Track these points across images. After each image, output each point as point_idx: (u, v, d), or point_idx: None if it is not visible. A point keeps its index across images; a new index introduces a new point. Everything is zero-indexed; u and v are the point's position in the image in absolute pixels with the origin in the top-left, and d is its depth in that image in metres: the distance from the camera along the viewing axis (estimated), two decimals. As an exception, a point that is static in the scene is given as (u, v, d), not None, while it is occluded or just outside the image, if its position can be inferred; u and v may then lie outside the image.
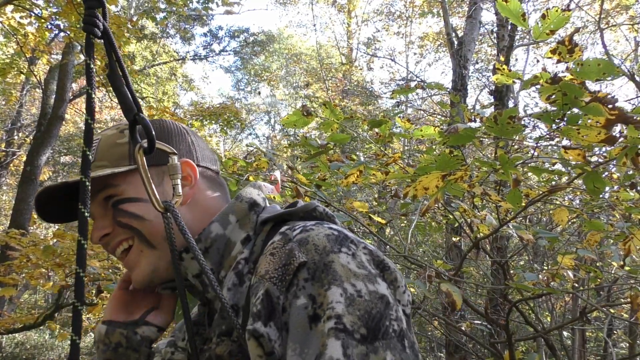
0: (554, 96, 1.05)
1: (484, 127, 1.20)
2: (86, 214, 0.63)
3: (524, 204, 1.79)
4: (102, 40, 0.73)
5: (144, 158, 0.76)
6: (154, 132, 0.75)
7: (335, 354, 0.60)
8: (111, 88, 0.76)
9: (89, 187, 0.66)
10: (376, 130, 2.13)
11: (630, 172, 1.74)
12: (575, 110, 1.06)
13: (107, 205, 0.86)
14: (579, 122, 1.07)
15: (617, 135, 1.07)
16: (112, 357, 0.89)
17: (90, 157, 0.84)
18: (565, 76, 1.05)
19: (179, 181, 0.81)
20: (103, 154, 0.87)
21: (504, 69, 1.27)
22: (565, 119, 1.09)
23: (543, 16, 1.10)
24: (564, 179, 2.23)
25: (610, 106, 0.99)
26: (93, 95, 0.68)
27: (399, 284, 0.72)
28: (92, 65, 0.69)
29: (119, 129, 0.90)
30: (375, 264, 0.71)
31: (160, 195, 0.80)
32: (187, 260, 0.83)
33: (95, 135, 0.90)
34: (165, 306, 0.94)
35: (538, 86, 1.32)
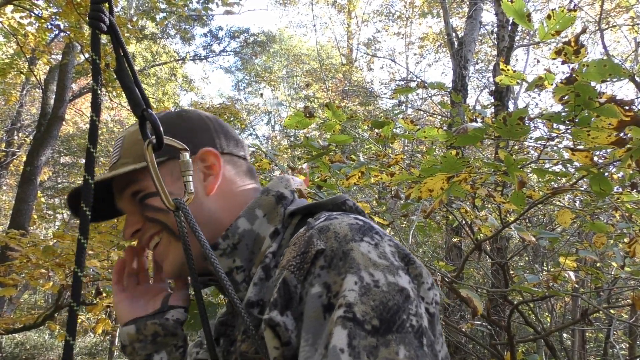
0: (566, 97, 1.04)
1: (491, 128, 1.19)
2: (87, 213, 0.63)
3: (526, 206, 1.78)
4: (109, 36, 0.72)
5: (153, 155, 0.75)
6: (162, 129, 0.74)
7: (339, 343, 0.57)
8: (110, 88, 0.75)
9: (93, 186, 0.66)
10: (377, 130, 2.12)
11: (631, 172, 1.74)
12: (585, 113, 1.05)
13: (135, 201, 0.86)
14: (590, 124, 1.06)
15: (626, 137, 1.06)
16: (152, 349, 0.88)
17: (116, 157, 0.88)
18: (571, 77, 1.04)
19: (190, 178, 0.79)
20: (127, 152, 0.87)
21: (508, 69, 1.26)
22: (576, 120, 1.08)
23: (548, 16, 1.09)
24: (564, 180, 2.22)
25: (626, 108, 0.98)
26: (99, 92, 0.67)
27: (424, 280, 0.69)
28: (98, 61, 0.68)
29: None
30: (400, 256, 0.68)
31: (180, 191, 0.81)
32: (216, 258, 0.80)
33: (121, 133, 0.92)
34: (179, 286, 0.93)
35: (540, 87, 1.32)
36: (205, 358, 0.93)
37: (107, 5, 0.72)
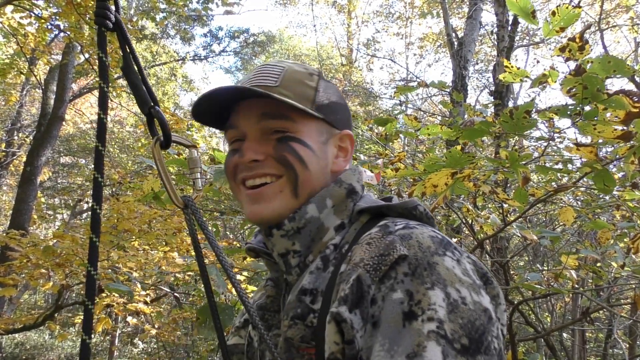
0: (574, 89, 1.04)
1: (496, 123, 1.20)
2: (98, 210, 0.62)
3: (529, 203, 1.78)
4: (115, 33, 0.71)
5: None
6: (169, 128, 0.75)
7: (434, 359, 0.56)
8: (110, 88, 0.74)
9: (102, 185, 0.65)
10: (377, 130, 2.12)
11: (632, 172, 1.74)
12: (587, 108, 1.05)
13: (271, 136, 0.81)
14: (596, 117, 1.06)
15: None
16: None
17: (271, 81, 0.82)
18: (579, 69, 1.04)
19: (198, 175, 0.79)
20: (289, 84, 0.82)
21: (512, 67, 1.26)
22: (581, 114, 1.08)
23: (553, 13, 1.09)
24: (565, 178, 2.23)
25: (635, 99, 0.98)
26: (106, 90, 0.67)
27: (501, 301, 0.68)
28: (104, 59, 0.67)
29: (307, 70, 0.87)
30: (479, 275, 0.68)
31: (321, 156, 0.81)
32: (276, 237, 0.80)
33: (275, 63, 0.87)
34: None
35: (543, 85, 1.32)
36: (236, 343, 0.92)
37: (112, 1, 0.72)
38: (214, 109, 0.84)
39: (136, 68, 0.75)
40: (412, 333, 0.59)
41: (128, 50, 0.74)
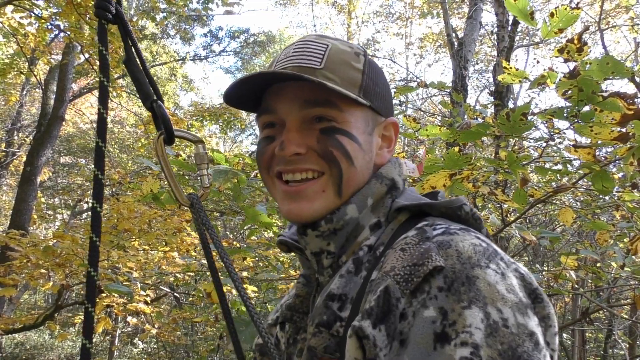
0: (569, 92, 1.04)
1: (494, 125, 1.20)
2: (99, 209, 0.61)
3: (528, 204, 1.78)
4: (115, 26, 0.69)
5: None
6: (173, 124, 0.71)
7: None
8: (110, 87, 0.71)
9: (103, 183, 0.63)
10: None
11: (632, 172, 1.74)
12: (586, 108, 1.06)
13: (315, 125, 0.73)
14: (592, 119, 1.06)
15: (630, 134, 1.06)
16: None
17: (314, 62, 0.72)
18: (574, 71, 1.04)
19: (205, 172, 0.74)
20: (334, 66, 0.73)
21: (510, 68, 1.26)
22: (578, 116, 1.08)
23: (551, 14, 1.09)
24: (565, 179, 2.23)
25: (629, 101, 0.97)
26: (107, 85, 0.65)
27: (552, 323, 0.59)
28: (105, 53, 0.65)
29: (353, 49, 0.77)
30: (527, 291, 0.58)
31: (367, 150, 0.74)
32: (310, 237, 0.73)
33: (316, 39, 0.77)
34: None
35: (542, 86, 1.32)
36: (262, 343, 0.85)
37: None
38: (249, 91, 0.76)
39: (139, 61, 0.72)
40: (442, 358, 0.52)
41: (130, 43, 0.72)
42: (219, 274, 0.76)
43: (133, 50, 0.73)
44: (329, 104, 0.71)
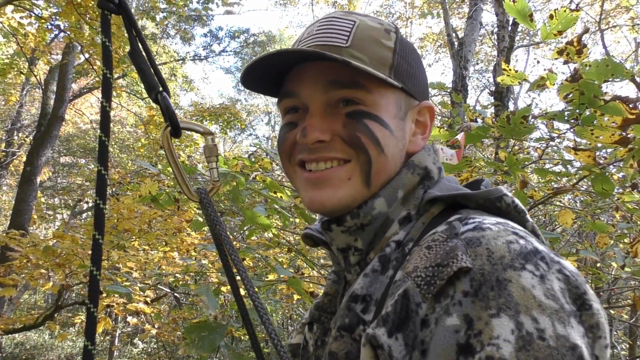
0: (571, 95, 1.03)
1: (494, 127, 1.19)
2: (102, 207, 0.59)
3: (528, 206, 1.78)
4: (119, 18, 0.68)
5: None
6: (176, 116, 0.69)
7: None
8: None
9: (107, 180, 0.61)
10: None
11: (632, 173, 1.74)
12: (587, 112, 1.05)
13: (340, 108, 0.67)
14: (594, 122, 1.05)
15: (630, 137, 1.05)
16: None
17: (339, 39, 0.66)
18: (576, 74, 1.04)
19: (214, 164, 0.71)
20: (362, 44, 0.66)
21: (510, 69, 1.26)
22: (579, 119, 1.07)
23: (551, 16, 1.09)
24: (564, 180, 2.23)
25: (631, 105, 0.97)
26: (110, 77, 0.63)
27: (602, 334, 0.49)
28: (108, 44, 0.63)
29: (383, 25, 0.70)
30: (572, 296, 0.49)
31: (398, 136, 0.68)
32: (336, 232, 0.68)
33: (343, 15, 0.70)
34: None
35: (541, 87, 1.32)
36: (298, 342, 0.82)
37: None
38: (268, 73, 0.70)
39: (144, 52, 0.70)
40: None
41: (134, 33, 0.69)
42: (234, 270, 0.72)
43: (137, 41, 0.70)
44: (356, 85, 0.65)
